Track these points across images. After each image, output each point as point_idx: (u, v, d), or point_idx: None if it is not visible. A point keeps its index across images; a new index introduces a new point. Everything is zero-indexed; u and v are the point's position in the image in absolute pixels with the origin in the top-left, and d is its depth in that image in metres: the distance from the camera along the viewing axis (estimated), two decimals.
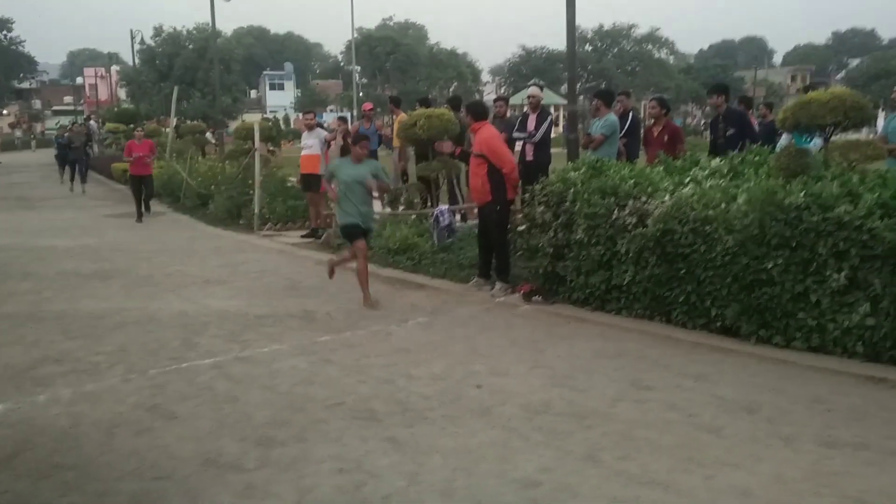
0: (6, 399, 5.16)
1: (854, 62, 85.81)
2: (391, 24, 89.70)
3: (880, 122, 9.86)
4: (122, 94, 62.58)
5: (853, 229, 5.31)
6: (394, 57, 70.86)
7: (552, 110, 45.59)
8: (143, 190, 15.23)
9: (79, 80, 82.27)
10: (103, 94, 65.83)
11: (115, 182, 22.84)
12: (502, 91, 67.83)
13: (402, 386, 5.28)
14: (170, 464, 4.14)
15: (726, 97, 9.13)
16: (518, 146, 10.10)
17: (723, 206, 6.05)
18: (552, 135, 10.35)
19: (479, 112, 8.26)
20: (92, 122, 36.83)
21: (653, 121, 9.58)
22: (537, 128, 9.95)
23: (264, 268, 9.89)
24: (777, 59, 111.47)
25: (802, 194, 5.61)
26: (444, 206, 10.01)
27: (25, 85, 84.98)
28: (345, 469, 4.03)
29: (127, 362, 5.93)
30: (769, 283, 5.73)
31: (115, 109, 41.66)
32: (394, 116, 13.37)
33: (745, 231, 5.82)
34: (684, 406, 4.79)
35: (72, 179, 21.81)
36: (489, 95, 61.73)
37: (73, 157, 21.93)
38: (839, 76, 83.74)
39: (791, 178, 6.04)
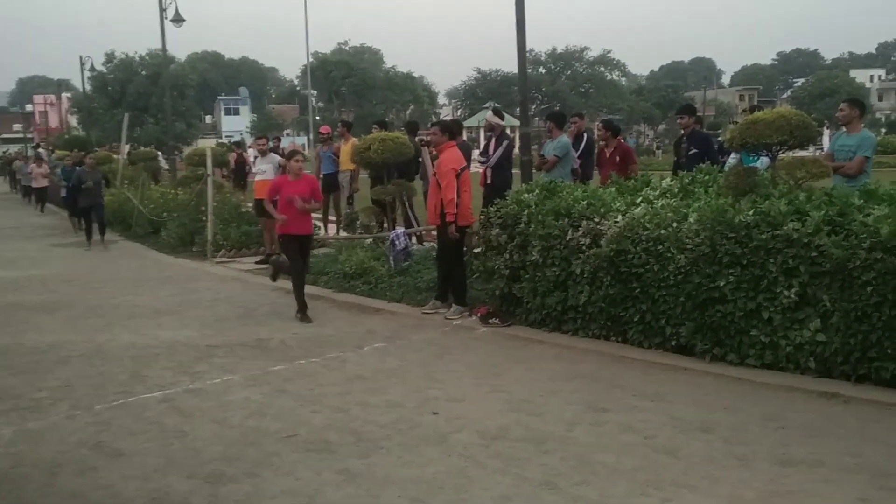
0: None
1: (799, 82, 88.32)
2: (346, 48, 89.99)
3: (826, 141, 10.09)
4: (73, 120, 61.54)
5: (801, 246, 5.38)
6: (350, 81, 70.90)
7: (508, 132, 46.11)
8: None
9: (28, 107, 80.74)
10: (53, 122, 64.69)
11: (63, 210, 22.30)
12: (458, 114, 68.35)
13: (356, 415, 5.18)
14: None
15: (695, 118, 9.32)
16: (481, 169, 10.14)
17: (674, 225, 6.10)
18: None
19: (450, 130, 8.16)
20: (41, 150, 36.06)
21: (604, 143, 9.69)
22: (495, 151, 9.99)
23: (217, 296, 9.70)
24: (725, 79, 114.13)
25: (752, 212, 5.68)
26: (400, 230, 9.96)
27: None
28: None
29: (72, 398, 5.73)
30: (722, 301, 5.77)
31: (66, 136, 40.92)
32: (343, 140, 13.30)
33: (696, 250, 5.86)
34: (641, 427, 4.77)
35: (88, 231, 15.32)
36: (446, 118, 61.96)
37: (88, 203, 15.19)
38: (785, 95, 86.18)
39: (740, 196, 6.12)
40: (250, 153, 13.82)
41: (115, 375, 6.28)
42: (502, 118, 10.71)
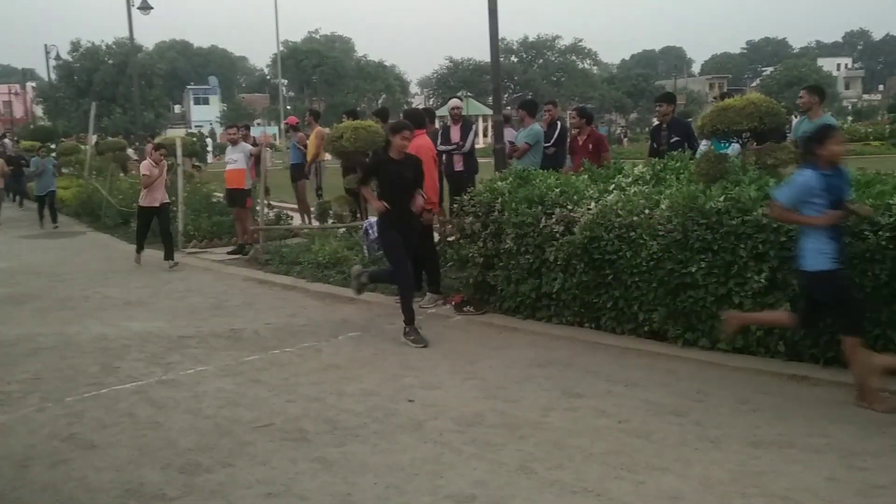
0: None
1: (768, 70, 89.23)
2: (317, 36, 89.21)
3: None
4: (38, 110, 60.40)
5: (771, 231, 5.45)
6: (321, 70, 70.37)
7: (480, 121, 46.07)
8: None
9: None
10: (18, 112, 63.47)
11: (31, 202, 21.93)
12: (430, 103, 68.15)
13: (332, 404, 5.17)
14: (87, 496, 3.94)
15: (674, 106, 9.32)
16: (444, 158, 10.09)
17: (646, 212, 6.15)
18: (478, 144, 10.40)
19: (415, 120, 8.16)
20: (6, 140, 35.38)
21: (577, 130, 9.70)
22: (463, 138, 9.98)
23: (189, 287, 9.61)
24: (696, 67, 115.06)
25: (722, 199, 5.75)
26: (373, 219, 9.91)
27: None
28: (273, 493, 3.90)
29: (42, 390, 5.65)
30: (693, 287, 5.83)
31: (31, 127, 40.17)
32: (310, 129, 13.19)
33: (668, 236, 5.92)
34: (614, 412, 4.82)
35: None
36: (417, 107, 61.82)
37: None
38: (754, 84, 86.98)
39: (711, 183, 6.18)
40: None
41: (86, 367, 6.20)
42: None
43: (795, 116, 8.35)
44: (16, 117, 60.95)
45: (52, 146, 26.67)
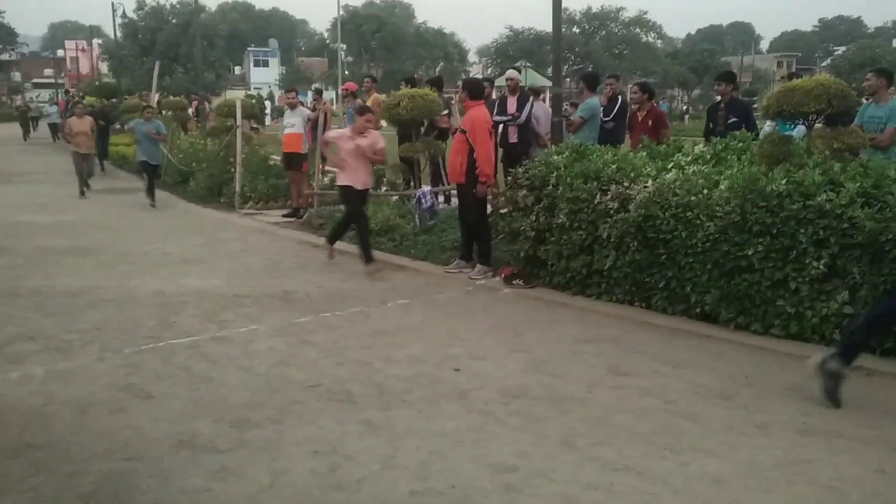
0: None
1: (840, 50, 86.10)
2: (378, 1, 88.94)
3: None
4: (104, 67, 61.67)
5: (834, 217, 5.32)
6: (380, 35, 70.30)
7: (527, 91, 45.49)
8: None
9: (60, 52, 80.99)
10: (85, 68, 64.89)
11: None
12: (489, 72, 67.57)
13: (379, 368, 5.25)
14: (142, 444, 4.09)
15: (734, 86, 9.04)
16: (500, 129, 10.03)
17: (705, 192, 6.04)
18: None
19: (474, 90, 8.14)
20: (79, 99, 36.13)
21: (637, 105, 9.53)
22: (519, 109, 9.90)
23: (244, 247, 9.80)
24: (764, 45, 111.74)
25: (784, 182, 5.61)
26: (426, 188, 9.95)
27: (5, 57, 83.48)
28: (319, 451, 4.00)
29: (102, 341, 5.86)
30: (749, 270, 5.73)
31: (97, 83, 41.04)
32: (368, 96, 13.19)
33: (726, 218, 5.81)
34: (661, 392, 4.80)
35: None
36: (476, 76, 61.38)
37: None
38: (825, 63, 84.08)
39: (773, 165, 6.04)
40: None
41: (144, 321, 6.41)
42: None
43: (867, 99, 8.03)
44: (82, 73, 62.32)
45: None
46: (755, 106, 9.61)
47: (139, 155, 14.13)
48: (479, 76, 25.50)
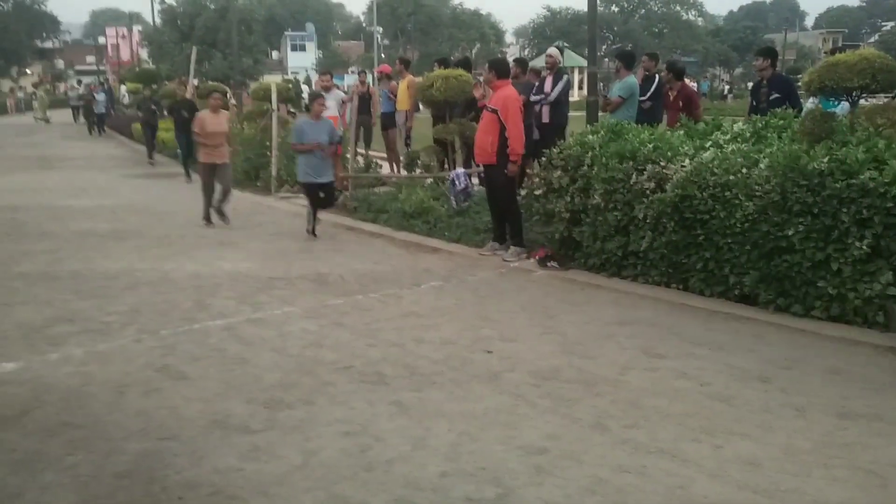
0: (18, 357, 5.19)
1: (888, 25, 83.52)
2: None
3: None
4: (143, 53, 62.43)
5: (877, 196, 5.15)
6: (415, 17, 70.01)
7: (576, 72, 45.00)
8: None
9: (101, 39, 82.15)
10: (125, 55, 65.75)
11: (135, 143, 22.85)
12: (525, 53, 66.98)
13: (411, 350, 5.25)
14: (177, 424, 4.14)
15: (773, 61, 8.80)
16: (537, 109, 9.94)
17: (744, 171, 5.90)
18: (573, 97, 10.17)
19: (501, 69, 8.05)
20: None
21: (669, 85, 9.42)
22: (552, 88, 9.78)
23: (279, 230, 9.87)
24: (809, 21, 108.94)
25: (826, 160, 5.45)
26: (460, 170, 9.90)
27: (48, 44, 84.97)
28: (351, 432, 4.01)
29: (139, 323, 5.95)
30: (789, 251, 5.60)
31: (137, 70, 41.60)
32: (401, 78, 13.14)
33: (766, 197, 5.67)
34: (696, 374, 4.72)
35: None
36: (513, 57, 60.94)
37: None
38: (872, 40, 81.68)
39: (815, 142, 5.87)
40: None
41: (180, 303, 6.49)
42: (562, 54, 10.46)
43: None
44: (123, 59, 63.18)
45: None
46: (798, 84, 9.33)
47: (301, 175, 9.40)
48: (516, 56, 25.30)
